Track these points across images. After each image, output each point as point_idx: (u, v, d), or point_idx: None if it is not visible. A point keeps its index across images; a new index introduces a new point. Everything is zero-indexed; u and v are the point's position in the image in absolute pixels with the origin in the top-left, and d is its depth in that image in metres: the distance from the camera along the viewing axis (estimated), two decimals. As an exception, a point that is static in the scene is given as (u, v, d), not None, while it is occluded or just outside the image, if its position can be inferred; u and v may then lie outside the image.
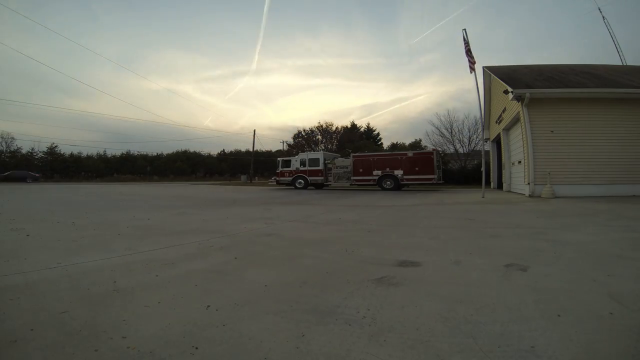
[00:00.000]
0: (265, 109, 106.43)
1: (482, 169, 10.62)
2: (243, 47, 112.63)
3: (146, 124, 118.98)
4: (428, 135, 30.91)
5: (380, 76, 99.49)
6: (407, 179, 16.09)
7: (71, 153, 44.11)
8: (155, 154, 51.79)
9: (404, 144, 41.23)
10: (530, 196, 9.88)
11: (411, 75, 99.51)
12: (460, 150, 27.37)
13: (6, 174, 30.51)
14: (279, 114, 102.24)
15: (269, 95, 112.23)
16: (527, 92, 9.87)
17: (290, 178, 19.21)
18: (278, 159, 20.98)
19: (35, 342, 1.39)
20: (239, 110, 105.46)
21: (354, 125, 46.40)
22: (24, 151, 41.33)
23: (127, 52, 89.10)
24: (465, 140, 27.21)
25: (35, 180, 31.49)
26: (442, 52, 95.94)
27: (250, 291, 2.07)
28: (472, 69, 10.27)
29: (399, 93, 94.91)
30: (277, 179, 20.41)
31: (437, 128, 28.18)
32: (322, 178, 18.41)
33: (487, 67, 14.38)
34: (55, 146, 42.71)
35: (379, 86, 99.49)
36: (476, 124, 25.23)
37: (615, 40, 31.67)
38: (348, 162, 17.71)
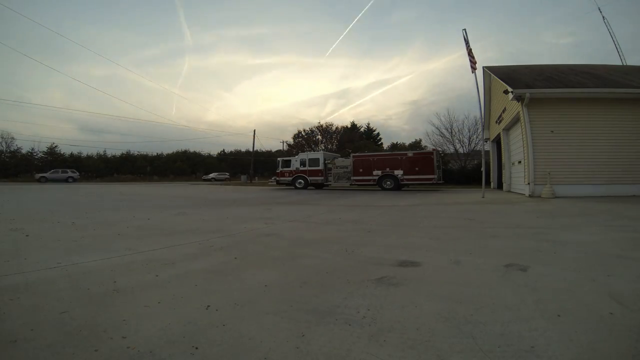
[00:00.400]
0: (229, 98, 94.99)
1: (482, 169, 10.61)
2: (164, 16, 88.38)
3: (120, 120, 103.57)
4: (428, 135, 31.02)
5: (342, 49, 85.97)
6: (407, 179, 16.08)
7: (71, 153, 44.05)
8: (155, 154, 51.73)
9: (404, 144, 41.40)
10: (530, 196, 9.87)
11: (382, 43, 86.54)
12: (460, 150, 27.37)
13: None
14: (249, 105, 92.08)
15: (224, 80, 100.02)
16: (527, 92, 9.87)
17: (290, 178, 19.20)
18: (278, 159, 20.96)
19: (35, 342, 1.38)
20: (201, 100, 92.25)
21: (354, 125, 46.59)
22: (24, 151, 41.33)
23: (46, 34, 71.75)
24: (465, 140, 27.23)
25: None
26: (419, 8, 76.26)
27: (250, 291, 2.07)
28: (474, 69, 10.27)
29: (375, 73, 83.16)
30: (277, 179, 20.41)
31: (437, 128, 28.24)
32: (322, 178, 18.39)
33: (487, 67, 14.38)
34: (55, 146, 42.71)
35: (343, 63, 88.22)
36: (476, 124, 25.21)
37: (615, 40, 31.72)
38: (348, 162, 17.70)
